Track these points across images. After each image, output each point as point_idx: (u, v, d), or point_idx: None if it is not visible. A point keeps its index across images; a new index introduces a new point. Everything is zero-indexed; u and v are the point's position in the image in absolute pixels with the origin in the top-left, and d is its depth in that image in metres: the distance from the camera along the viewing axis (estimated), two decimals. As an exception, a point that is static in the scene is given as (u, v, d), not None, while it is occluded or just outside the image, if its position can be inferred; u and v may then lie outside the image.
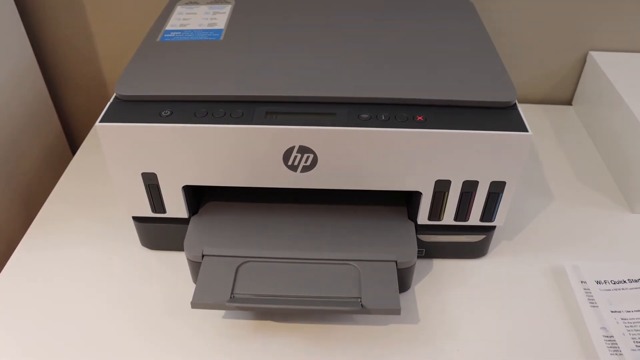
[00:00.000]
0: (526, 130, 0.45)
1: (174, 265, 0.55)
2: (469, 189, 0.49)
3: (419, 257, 0.55)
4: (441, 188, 0.49)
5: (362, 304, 0.45)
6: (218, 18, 0.59)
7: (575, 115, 0.79)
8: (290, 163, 0.47)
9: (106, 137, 0.46)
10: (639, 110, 0.63)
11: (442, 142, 0.45)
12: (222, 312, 0.50)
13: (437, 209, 0.51)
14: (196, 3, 0.63)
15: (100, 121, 0.46)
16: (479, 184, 0.48)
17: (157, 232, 0.55)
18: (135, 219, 0.54)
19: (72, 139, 0.90)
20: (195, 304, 0.46)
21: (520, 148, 0.46)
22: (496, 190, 0.49)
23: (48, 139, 0.81)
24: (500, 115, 0.46)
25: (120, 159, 0.48)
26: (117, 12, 0.77)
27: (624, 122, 0.65)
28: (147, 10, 0.76)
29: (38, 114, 0.78)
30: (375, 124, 0.45)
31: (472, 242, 0.54)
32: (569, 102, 0.82)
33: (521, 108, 0.48)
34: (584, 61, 0.78)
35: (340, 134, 0.45)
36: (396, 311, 0.45)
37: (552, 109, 0.80)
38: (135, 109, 0.47)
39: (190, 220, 0.53)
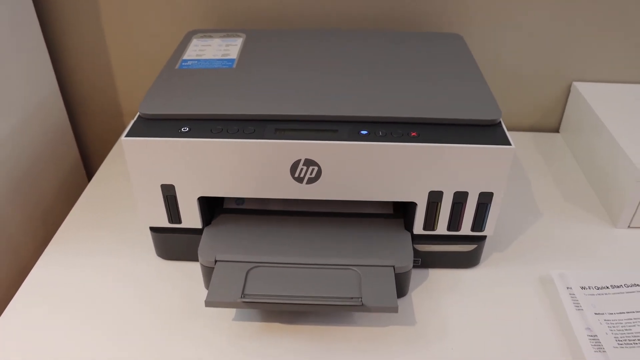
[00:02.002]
0: (509, 144, 0.50)
1: (187, 274, 0.59)
2: (459, 199, 0.53)
3: (415, 266, 0.59)
4: (434, 199, 0.53)
5: (362, 303, 0.49)
6: (231, 49, 0.65)
7: (563, 141, 0.84)
8: (296, 175, 0.52)
9: (130, 151, 0.51)
10: (620, 136, 0.68)
11: (434, 155, 0.50)
12: (233, 314, 0.54)
13: (431, 219, 0.55)
14: (210, 36, 0.69)
15: (126, 136, 0.51)
16: (469, 195, 0.53)
17: (172, 242, 0.59)
18: (152, 229, 0.58)
19: (89, 166, 0.95)
20: (208, 302, 0.49)
21: (504, 160, 0.50)
22: (484, 201, 0.53)
23: (66, 165, 0.86)
24: (487, 132, 0.51)
25: (142, 172, 0.53)
26: (135, 49, 0.83)
27: (607, 147, 0.70)
28: (162, 49, 0.82)
29: (58, 141, 0.83)
30: (374, 139, 0.50)
31: (465, 252, 0.58)
32: (556, 130, 0.87)
33: (512, 135, 0.53)
34: (568, 91, 0.83)
35: (342, 147, 0.50)
36: (394, 309, 0.49)
37: (540, 136, 0.85)
38: (156, 126, 0.52)
39: (203, 231, 0.57)
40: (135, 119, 0.53)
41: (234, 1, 0.78)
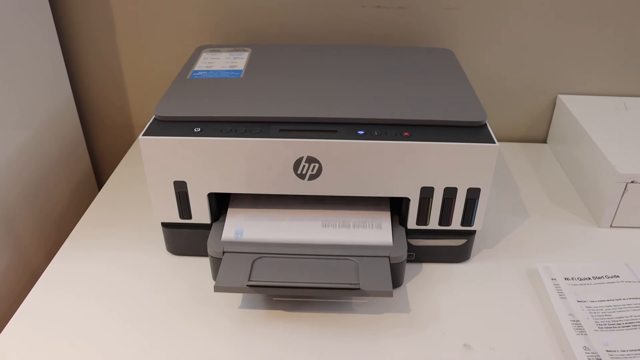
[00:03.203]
0: (494, 142, 0.55)
1: (196, 267, 0.62)
2: (449, 195, 0.58)
3: (409, 261, 0.63)
4: (426, 194, 0.58)
5: (359, 287, 0.53)
6: (238, 62, 0.71)
7: (550, 151, 0.89)
8: (299, 172, 0.56)
9: (147, 149, 0.56)
10: (602, 144, 0.72)
11: (425, 152, 0.55)
12: (239, 302, 0.58)
13: (423, 214, 0.59)
14: (219, 51, 0.75)
15: (143, 135, 0.55)
16: (458, 191, 0.57)
17: (183, 237, 0.63)
18: (164, 224, 0.62)
19: (99, 176, 1.00)
20: (217, 288, 0.53)
21: (489, 157, 0.55)
22: (472, 197, 0.58)
23: (78, 174, 0.90)
24: (473, 132, 0.56)
25: (156, 169, 0.57)
26: (147, 66, 0.89)
27: (590, 154, 0.74)
28: (171, 66, 0.88)
29: (72, 151, 0.88)
30: (370, 138, 0.55)
31: (456, 246, 0.62)
32: (544, 140, 0.92)
33: (502, 146, 0.57)
34: (554, 104, 0.89)
35: (341, 145, 0.55)
36: (389, 293, 0.53)
37: (529, 147, 0.90)
38: (171, 126, 0.57)
39: (212, 225, 0.61)
40: (151, 121, 0.58)
41: (241, 19, 0.84)
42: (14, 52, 0.71)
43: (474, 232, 0.62)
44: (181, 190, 0.58)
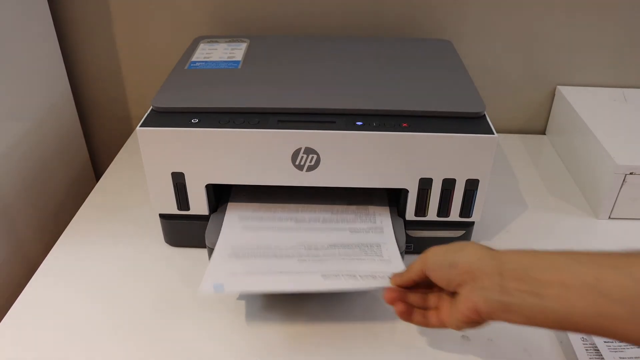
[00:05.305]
0: (493, 133, 0.54)
1: (193, 258, 0.62)
2: (448, 186, 0.58)
3: (408, 252, 0.63)
4: (424, 186, 0.58)
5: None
6: (236, 53, 0.70)
7: (549, 143, 0.89)
8: (297, 163, 0.56)
9: (144, 140, 0.55)
10: (600, 134, 0.72)
11: (423, 143, 0.55)
12: (237, 293, 0.58)
13: (422, 205, 0.59)
14: (217, 42, 0.74)
15: (140, 126, 0.55)
16: (457, 182, 0.57)
17: (181, 228, 0.63)
18: (162, 216, 0.62)
19: (97, 167, 0.99)
20: (216, 279, 0.53)
21: (488, 148, 0.55)
22: (471, 188, 0.58)
23: (76, 166, 0.90)
24: (472, 123, 0.56)
25: (154, 160, 0.57)
26: (144, 57, 0.88)
27: (588, 145, 0.74)
28: (169, 57, 0.86)
29: (69, 143, 0.88)
30: (368, 129, 0.55)
31: (454, 238, 0.62)
32: (542, 132, 0.92)
33: (501, 137, 0.57)
34: (553, 95, 0.88)
35: (339, 136, 0.54)
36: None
37: (528, 138, 0.90)
38: (168, 117, 0.56)
39: (210, 217, 0.61)
40: (148, 112, 0.58)
41: (238, 11, 0.84)
42: (10, 44, 0.71)
43: (472, 223, 0.62)
44: (179, 182, 0.58)
